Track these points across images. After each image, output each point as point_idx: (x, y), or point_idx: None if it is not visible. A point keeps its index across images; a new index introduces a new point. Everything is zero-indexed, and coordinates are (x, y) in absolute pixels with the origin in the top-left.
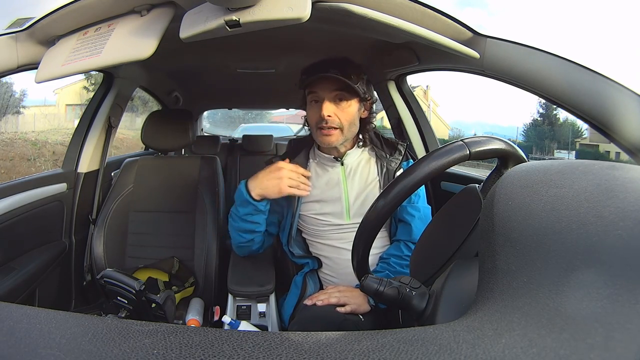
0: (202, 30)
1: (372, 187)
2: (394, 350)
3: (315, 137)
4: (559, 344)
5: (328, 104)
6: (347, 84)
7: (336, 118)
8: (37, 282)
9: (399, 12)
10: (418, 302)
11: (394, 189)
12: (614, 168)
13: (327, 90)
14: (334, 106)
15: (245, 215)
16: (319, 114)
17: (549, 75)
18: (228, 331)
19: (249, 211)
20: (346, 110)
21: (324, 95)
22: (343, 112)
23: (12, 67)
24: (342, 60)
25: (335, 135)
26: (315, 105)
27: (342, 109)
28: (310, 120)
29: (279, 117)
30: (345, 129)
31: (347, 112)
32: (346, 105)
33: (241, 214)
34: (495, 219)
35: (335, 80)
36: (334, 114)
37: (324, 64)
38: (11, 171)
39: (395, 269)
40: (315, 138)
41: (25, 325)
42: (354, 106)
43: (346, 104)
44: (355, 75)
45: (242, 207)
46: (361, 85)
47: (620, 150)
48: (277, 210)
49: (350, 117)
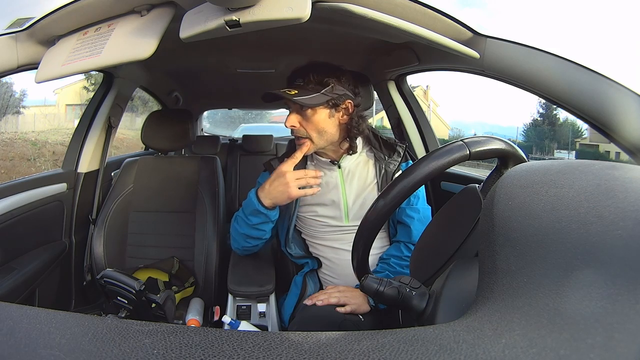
0: (202, 30)
1: (370, 189)
2: (394, 350)
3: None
4: (559, 344)
5: (292, 116)
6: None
7: (301, 128)
8: (37, 282)
9: (399, 12)
10: (418, 302)
11: (394, 189)
12: (614, 168)
13: (290, 102)
14: (299, 116)
15: (255, 225)
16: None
17: (549, 75)
18: (228, 331)
19: (261, 220)
20: (311, 119)
21: (290, 106)
22: (307, 122)
23: (12, 67)
24: (309, 66)
25: (306, 144)
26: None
27: (307, 119)
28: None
29: (279, 117)
30: (314, 138)
31: (312, 120)
32: (311, 114)
33: (252, 222)
34: (495, 219)
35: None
36: (299, 124)
37: (293, 73)
38: (11, 171)
39: (395, 270)
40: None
41: (25, 325)
42: (320, 113)
43: (310, 112)
44: (316, 82)
45: (253, 217)
46: (328, 91)
47: (620, 150)
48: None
49: (316, 125)
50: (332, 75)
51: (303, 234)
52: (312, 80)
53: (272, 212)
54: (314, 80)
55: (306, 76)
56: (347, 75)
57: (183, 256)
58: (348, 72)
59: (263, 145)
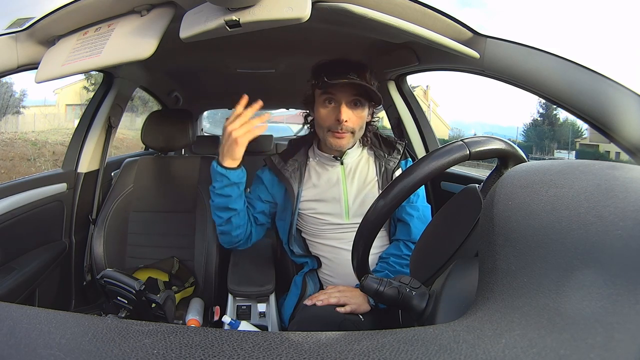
0: (202, 30)
1: (370, 186)
2: (394, 350)
3: (325, 137)
4: (559, 344)
5: (346, 109)
6: (367, 91)
7: (351, 123)
8: (37, 282)
9: (399, 12)
10: (418, 302)
11: (394, 188)
12: (614, 168)
13: (345, 93)
14: (350, 111)
15: (219, 190)
16: (335, 117)
17: (549, 75)
18: (228, 331)
19: (222, 184)
20: (360, 115)
21: (341, 98)
22: (357, 118)
23: (12, 67)
24: (361, 64)
25: (346, 138)
26: (330, 106)
27: (357, 114)
28: (321, 121)
29: (279, 117)
30: (356, 134)
31: (361, 117)
32: (361, 111)
33: (216, 189)
34: (495, 219)
35: (355, 85)
36: (349, 119)
37: (342, 65)
38: (11, 171)
39: (394, 268)
40: (324, 139)
41: (25, 325)
42: (366, 111)
43: (361, 109)
44: (373, 81)
45: (216, 182)
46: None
47: (620, 150)
48: (269, 200)
49: (362, 122)
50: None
51: (303, 233)
52: (367, 76)
53: (232, 172)
54: (370, 77)
55: (362, 72)
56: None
57: (183, 256)
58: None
59: (263, 145)
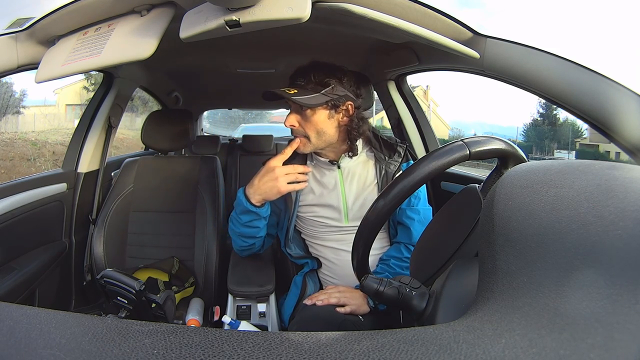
0: (202, 30)
1: (370, 190)
2: (394, 350)
3: None
4: (559, 344)
5: (291, 115)
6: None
7: (300, 128)
8: (37, 282)
9: (399, 12)
10: (418, 302)
11: (394, 188)
12: (614, 168)
13: (290, 101)
14: (299, 116)
15: (247, 222)
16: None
17: (549, 75)
18: (228, 331)
19: (251, 218)
20: (310, 119)
21: (290, 105)
22: (307, 122)
23: (12, 67)
24: (310, 66)
25: (303, 143)
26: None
27: (306, 119)
28: None
29: (279, 117)
30: (312, 138)
31: (311, 121)
32: (310, 114)
33: (243, 221)
34: (495, 219)
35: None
36: (298, 124)
37: (298, 71)
38: (11, 171)
39: (394, 271)
40: None
41: (25, 325)
42: (319, 114)
43: (310, 112)
44: (317, 82)
45: (244, 215)
46: (329, 92)
47: (620, 150)
48: (276, 211)
49: (315, 126)
50: (334, 76)
51: (303, 234)
52: (312, 80)
53: (262, 210)
54: (315, 80)
55: (307, 76)
56: (349, 76)
57: (183, 256)
58: (350, 73)
59: (263, 145)
